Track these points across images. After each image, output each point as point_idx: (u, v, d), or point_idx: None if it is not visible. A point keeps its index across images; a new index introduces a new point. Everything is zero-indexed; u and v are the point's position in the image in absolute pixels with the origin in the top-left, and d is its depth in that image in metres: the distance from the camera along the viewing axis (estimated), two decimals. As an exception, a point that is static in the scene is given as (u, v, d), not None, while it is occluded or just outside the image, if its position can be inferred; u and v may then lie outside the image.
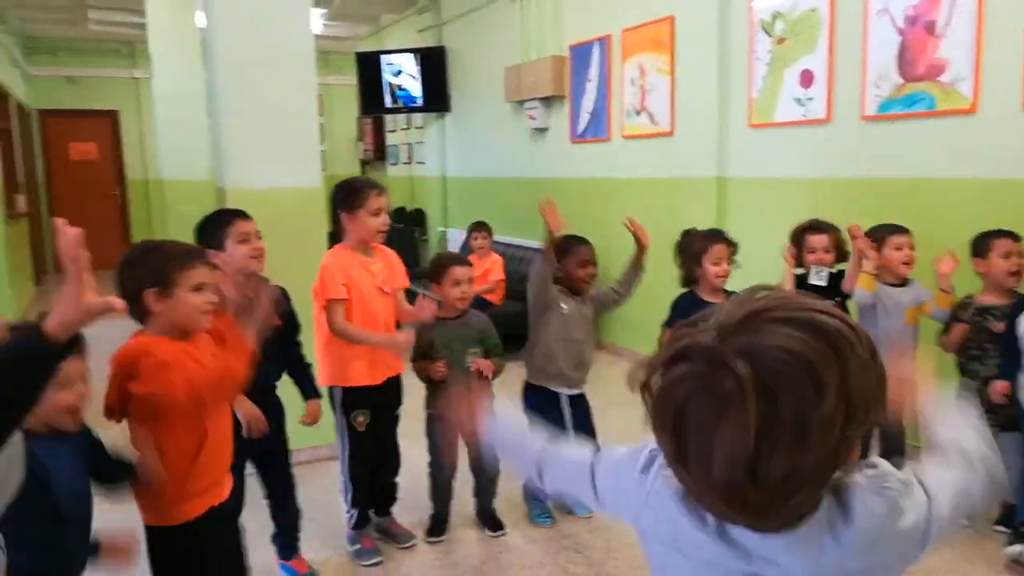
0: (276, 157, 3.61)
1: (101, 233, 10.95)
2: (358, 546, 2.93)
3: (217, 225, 2.51)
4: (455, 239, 7.99)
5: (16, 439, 1.23)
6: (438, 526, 3.06)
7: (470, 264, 2.97)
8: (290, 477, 2.75)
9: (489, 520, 3.10)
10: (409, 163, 9.52)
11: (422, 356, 2.88)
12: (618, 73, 5.52)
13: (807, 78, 4.08)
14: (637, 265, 3.14)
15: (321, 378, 2.90)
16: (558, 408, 3.04)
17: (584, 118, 5.94)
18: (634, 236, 3.10)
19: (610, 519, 3.11)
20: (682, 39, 4.87)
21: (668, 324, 3.16)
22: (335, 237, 2.99)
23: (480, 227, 6.18)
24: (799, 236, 3.31)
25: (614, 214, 5.61)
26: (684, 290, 3.20)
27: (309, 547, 2.91)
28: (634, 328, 5.47)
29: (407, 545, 3.00)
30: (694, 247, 3.11)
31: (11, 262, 6.93)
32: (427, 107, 8.31)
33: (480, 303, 5.83)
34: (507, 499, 3.23)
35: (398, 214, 9.15)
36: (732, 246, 3.12)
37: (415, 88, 8.24)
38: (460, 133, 8.17)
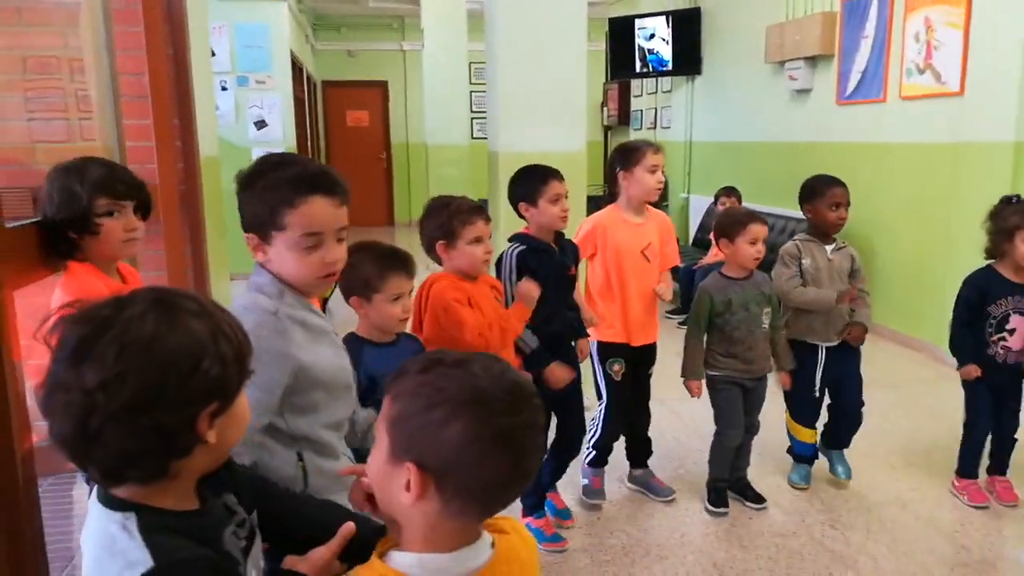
0: (546, 122, 3.78)
1: (369, 192, 12.15)
2: (587, 482, 3.07)
3: (534, 181, 2.62)
4: (698, 206, 7.85)
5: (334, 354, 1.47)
6: (721, 497, 3.01)
7: (766, 222, 2.87)
8: (583, 421, 2.87)
9: (747, 490, 3.06)
10: (653, 128, 9.45)
11: (717, 316, 2.86)
12: (899, 28, 5.07)
13: None
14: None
15: None
16: (810, 361, 3.02)
17: (854, 78, 5.54)
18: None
19: (871, 501, 3.01)
20: (981, -13, 4.36)
21: (962, 305, 2.93)
22: (609, 200, 3.07)
23: (729, 192, 6.03)
24: None
25: (885, 181, 5.24)
26: (982, 266, 2.92)
27: (564, 493, 3.08)
28: (896, 306, 5.08)
29: (668, 499, 3.09)
30: (1010, 220, 2.79)
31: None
32: (677, 70, 8.18)
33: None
34: (754, 468, 3.21)
35: (641, 179, 9.17)
36: None
37: (666, 51, 8.14)
38: (710, 96, 7.96)
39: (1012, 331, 2.86)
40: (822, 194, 2.94)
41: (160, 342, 0.86)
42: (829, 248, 2.99)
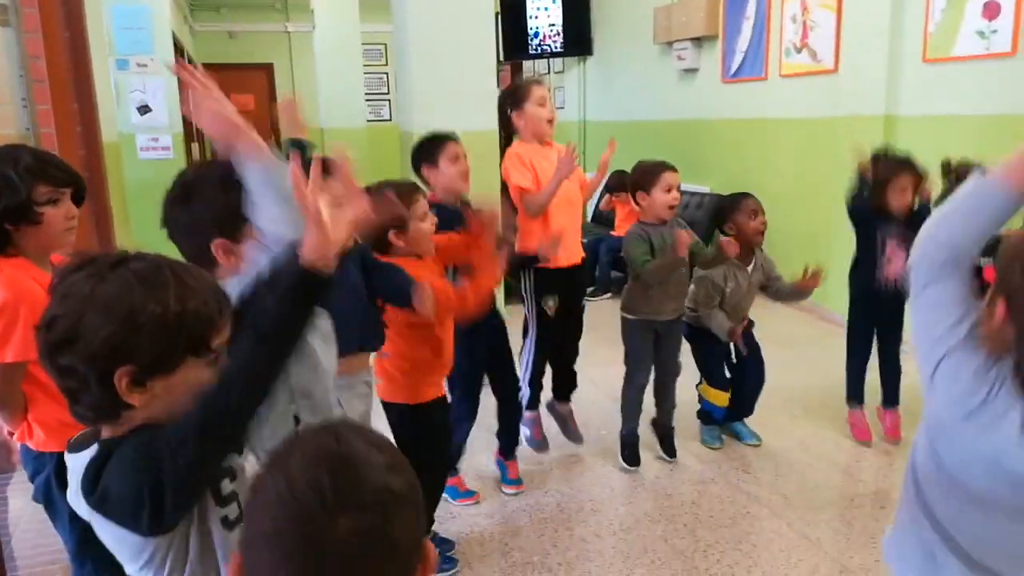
0: (458, 101, 3.85)
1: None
2: (528, 433, 3.24)
3: (433, 146, 2.78)
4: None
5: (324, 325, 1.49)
6: (634, 453, 3.18)
7: (677, 170, 2.98)
8: (517, 383, 3.01)
9: (665, 440, 3.25)
10: (547, 108, 9.64)
11: (649, 255, 2.94)
12: (778, 10, 5.41)
13: (992, 9, 3.91)
14: (801, 295, 3.22)
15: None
16: (722, 344, 3.23)
17: (737, 57, 5.88)
18: (804, 280, 3.12)
19: (777, 447, 3.28)
20: (850, -28, 4.73)
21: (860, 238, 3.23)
22: (507, 141, 3.22)
23: (618, 188, 6.13)
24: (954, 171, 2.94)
25: (770, 155, 5.60)
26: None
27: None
28: (785, 271, 5.46)
29: (577, 444, 3.31)
30: (880, 175, 3.06)
31: (194, 205, 7.64)
32: (568, 51, 8.38)
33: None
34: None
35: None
36: (919, 177, 3.04)
37: (557, 32, 8.32)
38: (602, 77, 8.21)
39: (890, 260, 3.12)
40: (737, 207, 3.10)
41: (90, 297, 0.94)
42: (750, 268, 3.16)
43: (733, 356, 3.32)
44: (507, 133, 3.15)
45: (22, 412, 1.78)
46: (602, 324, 3.86)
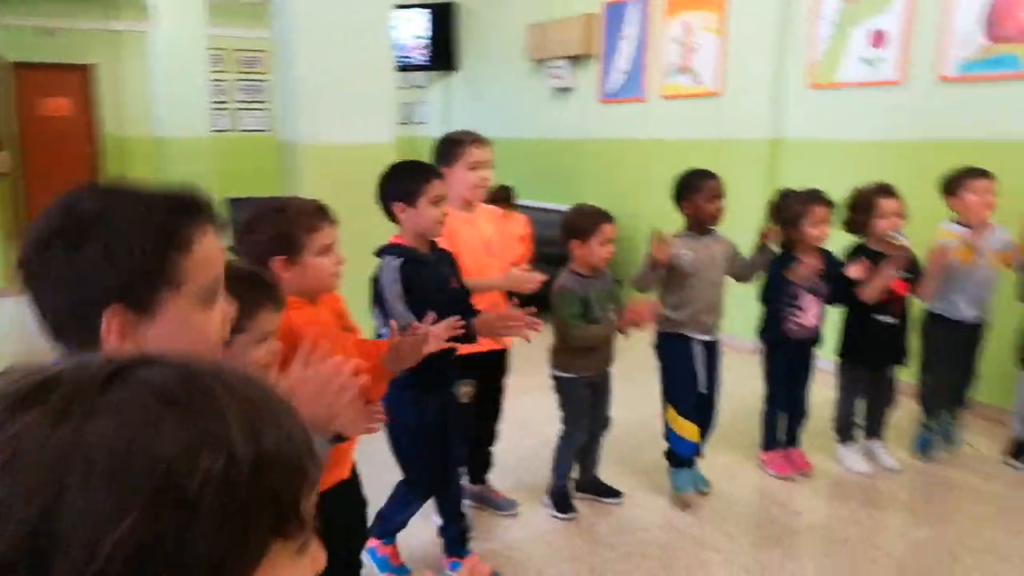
0: (349, 113, 3.45)
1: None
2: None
3: (416, 178, 2.27)
4: (462, 201, 7.85)
5: None
6: (567, 501, 2.92)
7: (613, 220, 2.79)
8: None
9: (600, 486, 3.02)
10: (406, 123, 9.28)
11: (580, 316, 2.73)
12: (658, 31, 5.42)
13: (878, 38, 4.05)
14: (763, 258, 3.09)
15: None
16: (689, 354, 2.96)
17: (616, 78, 5.84)
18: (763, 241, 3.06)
19: (706, 472, 3.10)
20: (735, -2, 4.79)
21: (770, 287, 3.13)
22: None
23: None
24: (866, 201, 3.12)
25: (649, 176, 5.57)
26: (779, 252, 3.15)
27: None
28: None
29: (511, 512, 2.93)
30: (792, 210, 3.04)
31: (3, 223, 6.61)
32: (433, 65, 8.10)
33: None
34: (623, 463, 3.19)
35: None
36: (831, 207, 3.05)
37: (423, 46, 8.02)
38: (469, 93, 7.99)
39: (803, 309, 3.11)
40: (699, 188, 2.92)
41: (72, 450, 0.43)
42: (708, 239, 2.96)
43: (699, 372, 2.99)
44: None
45: None
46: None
